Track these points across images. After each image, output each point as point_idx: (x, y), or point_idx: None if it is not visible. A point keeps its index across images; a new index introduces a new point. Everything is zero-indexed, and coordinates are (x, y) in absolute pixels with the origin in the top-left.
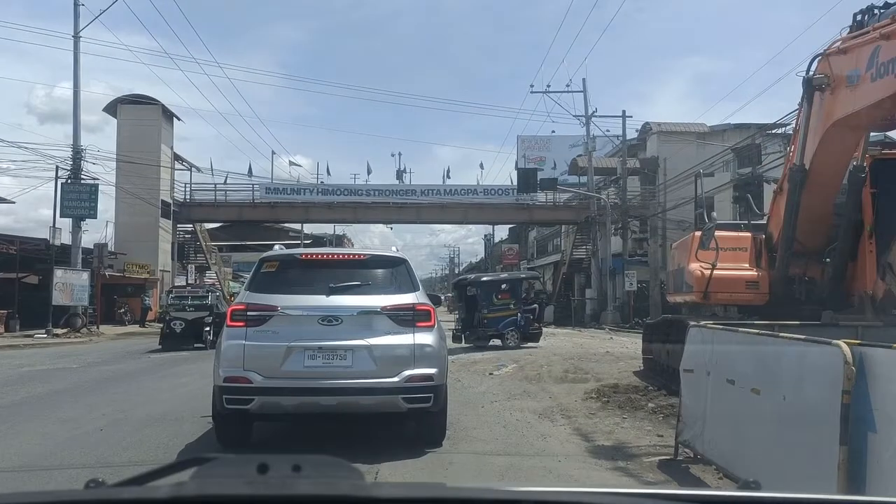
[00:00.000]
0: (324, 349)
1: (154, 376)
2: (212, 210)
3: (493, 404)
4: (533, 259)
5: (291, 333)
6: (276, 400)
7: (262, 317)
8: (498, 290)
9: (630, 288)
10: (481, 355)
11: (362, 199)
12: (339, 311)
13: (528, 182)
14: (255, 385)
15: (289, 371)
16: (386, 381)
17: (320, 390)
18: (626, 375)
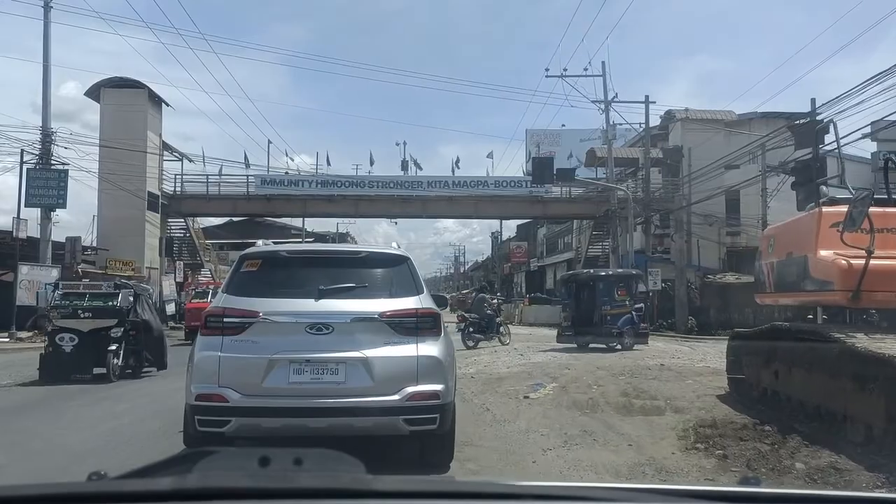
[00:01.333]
0: (312, 362)
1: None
2: (203, 203)
3: (546, 456)
4: (542, 257)
5: (275, 344)
6: (256, 421)
7: (241, 324)
8: (618, 287)
9: (654, 287)
10: (571, 359)
11: (364, 192)
12: (330, 317)
13: (543, 172)
14: (231, 404)
15: (271, 388)
16: (384, 400)
17: (308, 410)
18: (709, 402)
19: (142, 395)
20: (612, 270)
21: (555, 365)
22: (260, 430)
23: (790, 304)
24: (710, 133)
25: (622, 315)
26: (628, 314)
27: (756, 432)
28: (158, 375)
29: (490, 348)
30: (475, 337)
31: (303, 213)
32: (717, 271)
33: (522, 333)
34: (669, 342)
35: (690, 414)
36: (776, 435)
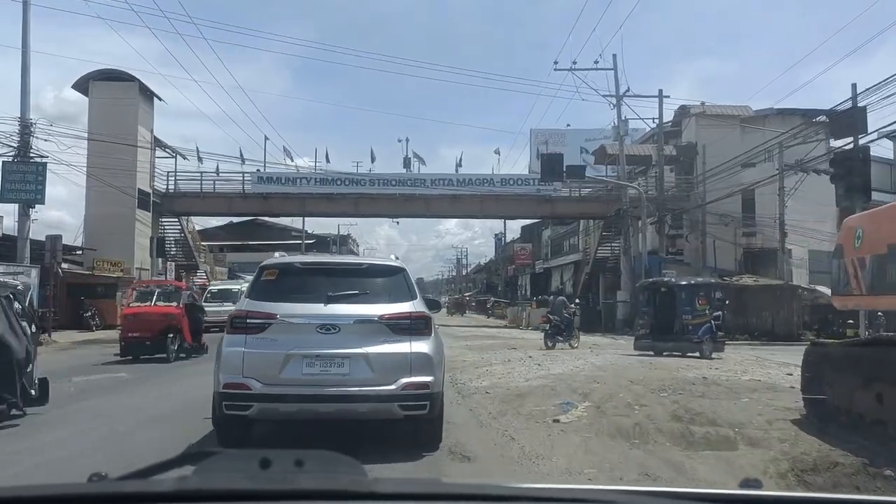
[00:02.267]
0: (322, 357)
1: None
2: (197, 202)
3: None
4: (548, 259)
5: (290, 341)
6: (274, 406)
7: (262, 324)
8: (698, 295)
9: None
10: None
11: (365, 190)
12: (337, 319)
13: (552, 169)
14: (253, 392)
15: (287, 378)
16: (383, 389)
17: (318, 397)
18: (788, 431)
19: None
20: (693, 279)
21: (581, 378)
22: (277, 414)
23: (891, 308)
24: (726, 129)
25: (702, 324)
26: (707, 323)
27: (877, 479)
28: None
29: (516, 358)
30: (555, 338)
31: (301, 213)
32: (734, 273)
33: (531, 338)
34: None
35: (772, 448)
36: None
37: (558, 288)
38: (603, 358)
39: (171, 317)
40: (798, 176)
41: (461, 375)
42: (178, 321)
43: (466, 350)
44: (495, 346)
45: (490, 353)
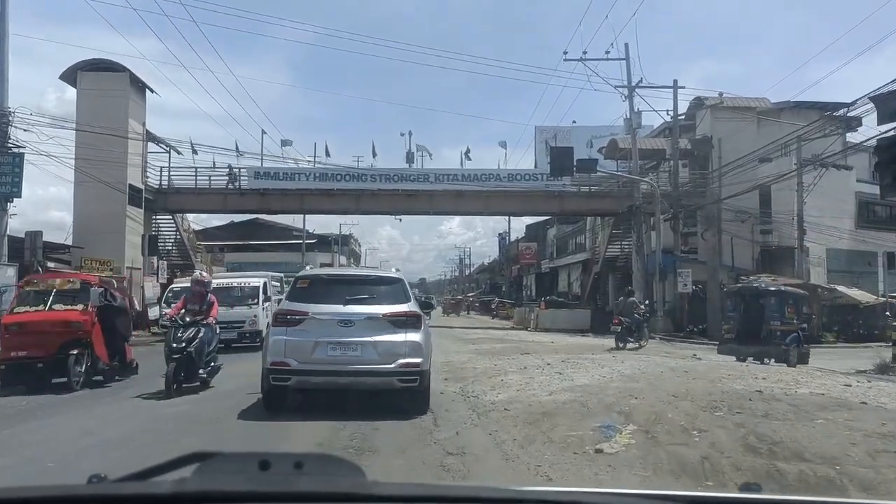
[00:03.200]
0: (341, 343)
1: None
2: (192, 198)
3: None
4: (553, 258)
5: (318, 332)
6: (307, 379)
7: (298, 319)
8: (788, 303)
9: (684, 289)
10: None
11: (366, 186)
12: (352, 316)
13: (562, 163)
14: (292, 368)
15: (316, 358)
16: (385, 367)
17: (338, 373)
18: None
19: None
20: (784, 287)
21: (612, 391)
22: (309, 384)
23: None
24: (742, 122)
25: (790, 332)
26: (795, 332)
27: None
28: None
29: (533, 365)
30: (626, 339)
31: (300, 209)
32: (751, 272)
33: (543, 341)
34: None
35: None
36: None
37: (566, 290)
38: (630, 365)
39: (73, 326)
40: (816, 171)
41: (473, 386)
42: (86, 332)
43: (476, 356)
44: (507, 351)
45: (503, 360)
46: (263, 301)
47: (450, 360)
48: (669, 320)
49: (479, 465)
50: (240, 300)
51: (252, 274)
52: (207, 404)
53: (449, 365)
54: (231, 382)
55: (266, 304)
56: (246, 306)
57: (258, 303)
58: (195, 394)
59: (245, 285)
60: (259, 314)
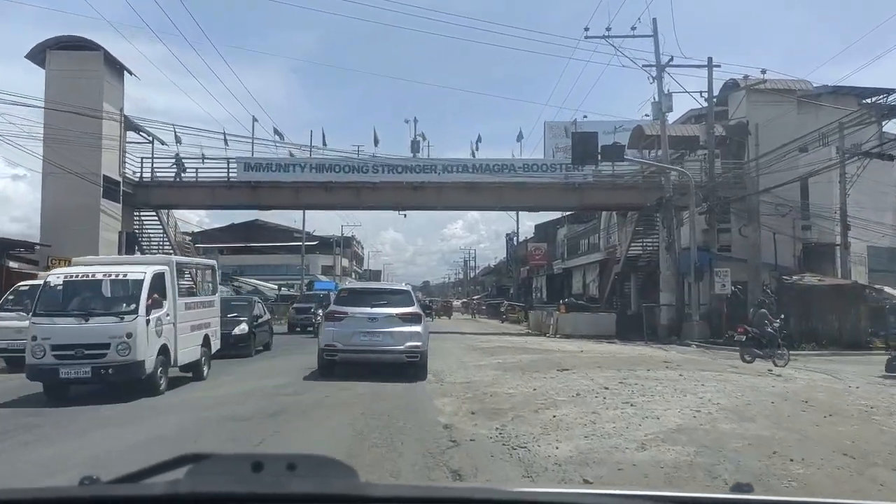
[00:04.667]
0: (369, 332)
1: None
2: (176, 192)
3: None
4: (564, 259)
5: (354, 325)
6: (347, 356)
7: (341, 316)
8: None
9: (722, 291)
10: None
11: (368, 178)
12: (377, 314)
13: (585, 150)
14: (338, 348)
15: (353, 342)
16: (398, 348)
17: (367, 352)
18: None
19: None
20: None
21: (735, 439)
22: (348, 359)
23: None
24: (782, 107)
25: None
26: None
27: None
28: None
29: (585, 389)
30: (753, 352)
31: (295, 204)
32: (793, 271)
33: (572, 350)
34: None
35: None
36: None
37: (581, 292)
38: (713, 388)
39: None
40: (860, 162)
41: (516, 427)
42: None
43: (502, 372)
44: (538, 365)
45: (540, 379)
46: (151, 307)
47: (471, 378)
48: (706, 325)
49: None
50: (107, 305)
51: (136, 259)
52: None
53: (471, 387)
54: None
55: (157, 314)
56: (114, 317)
57: (138, 311)
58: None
59: (118, 277)
60: (139, 331)
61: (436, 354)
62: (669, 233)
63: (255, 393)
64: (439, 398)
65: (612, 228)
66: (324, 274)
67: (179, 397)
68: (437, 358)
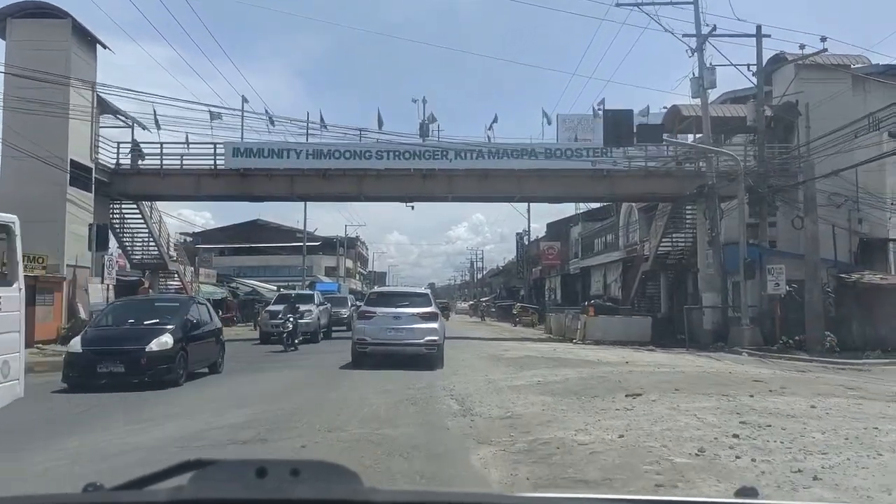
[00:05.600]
0: (394, 328)
1: None
2: (157, 181)
3: None
4: (581, 257)
5: (382, 322)
6: (375, 348)
7: (371, 315)
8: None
9: (776, 291)
10: None
11: (371, 165)
12: (400, 313)
13: (619, 130)
14: (368, 341)
15: (381, 336)
16: (418, 342)
17: (392, 344)
18: None
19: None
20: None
21: None
22: (377, 351)
23: None
24: (835, 85)
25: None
26: None
27: None
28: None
29: (692, 433)
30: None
31: (289, 194)
32: (851, 267)
33: (616, 362)
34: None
35: None
36: None
37: (601, 293)
38: (848, 421)
39: None
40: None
41: None
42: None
43: (552, 399)
44: (594, 387)
45: (613, 413)
46: None
47: (511, 409)
48: (757, 330)
49: None
50: None
51: None
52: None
53: (518, 428)
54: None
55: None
56: None
57: None
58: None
59: None
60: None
61: (454, 368)
62: (713, 225)
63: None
64: (475, 449)
65: (634, 225)
66: (327, 275)
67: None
68: (457, 373)
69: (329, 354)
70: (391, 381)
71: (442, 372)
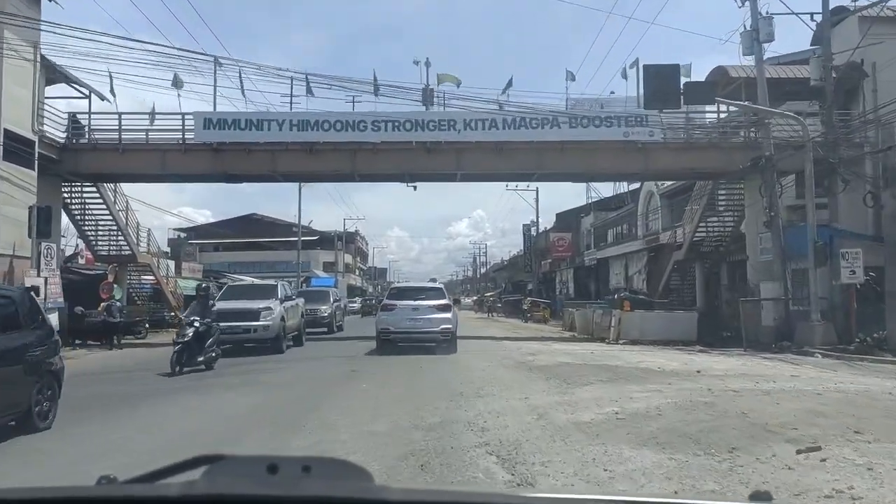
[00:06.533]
0: (413, 318)
1: None
2: (116, 158)
3: None
4: (597, 248)
5: (403, 313)
6: (397, 335)
7: (393, 307)
8: None
9: (852, 279)
10: None
11: (366, 137)
12: (418, 305)
13: (663, 90)
14: (391, 330)
15: (402, 325)
16: (434, 330)
17: (411, 333)
18: None
19: None
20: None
21: None
22: (398, 338)
23: None
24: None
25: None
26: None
27: None
28: None
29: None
30: None
31: (271, 172)
32: None
33: (679, 369)
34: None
35: None
36: None
37: (621, 286)
38: None
39: None
40: None
41: None
42: None
43: (663, 456)
44: (707, 424)
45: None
46: None
47: (602, 481)
48: (831, 327)
49: None
50: None
51: None
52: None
53: None
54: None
55: None
56: None
57: None
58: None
59: None
60: None
61: (475, 383)
62: (771, 204)
63: None
64: None
65: (654, 213)
66: (326, 271)
67: None
68: (482, 394)
69: (280, 377)
70: (384, 408)
71: (461, 392)
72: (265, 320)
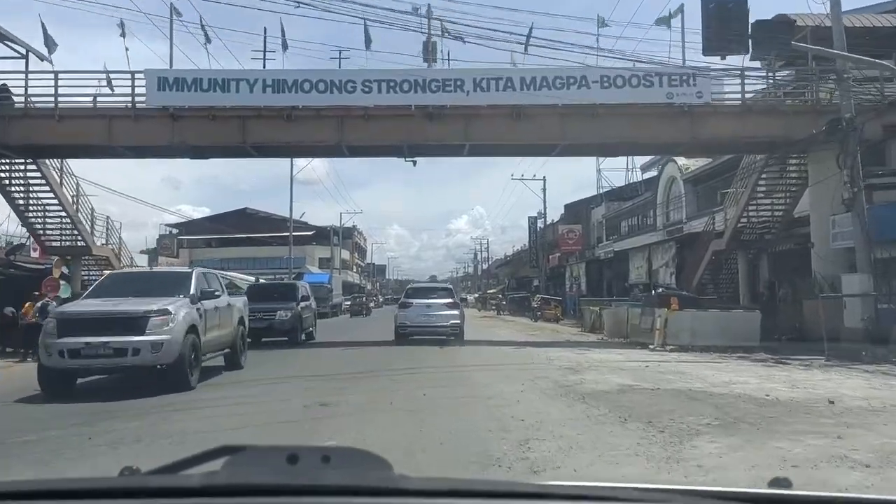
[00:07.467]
0: (427, 314)
1: None
2: (52, 126)
3: None
4: (604, 242)
5: (418, 310)
6: (414, 329)
7: (410, 304)
8: None
9: None
10: None
11: (356, 101)
12: (431, 303)
13: (727, 28)
14: (409, 325)
15: (418, 321)
16: (444, 324)
17: (425, 327)
18: None
19: None
20: None
21: None
22: (415, 332)
23: None
24: None
25: None
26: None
27: None
28: None
29: None
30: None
31: (240, 143)
32: None
33: (806, 402)
34: None
35: None
36: None
37: (644, 281)
38: None
39: None
40: None
41: None
42: None
43: None
44: None
45: None
46: None
47: None
48: None
49: None
50: None
51: None
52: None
53: None
54: None
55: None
56: None
57: None
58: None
59: None
60: None
61: (511, 432)
62: (852, 178)
63: None
64: None
65: (675, 202)
66: (321, 267)
67: None
68: (531, 462)
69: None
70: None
71: (498, 459)
72: (155, 333)
